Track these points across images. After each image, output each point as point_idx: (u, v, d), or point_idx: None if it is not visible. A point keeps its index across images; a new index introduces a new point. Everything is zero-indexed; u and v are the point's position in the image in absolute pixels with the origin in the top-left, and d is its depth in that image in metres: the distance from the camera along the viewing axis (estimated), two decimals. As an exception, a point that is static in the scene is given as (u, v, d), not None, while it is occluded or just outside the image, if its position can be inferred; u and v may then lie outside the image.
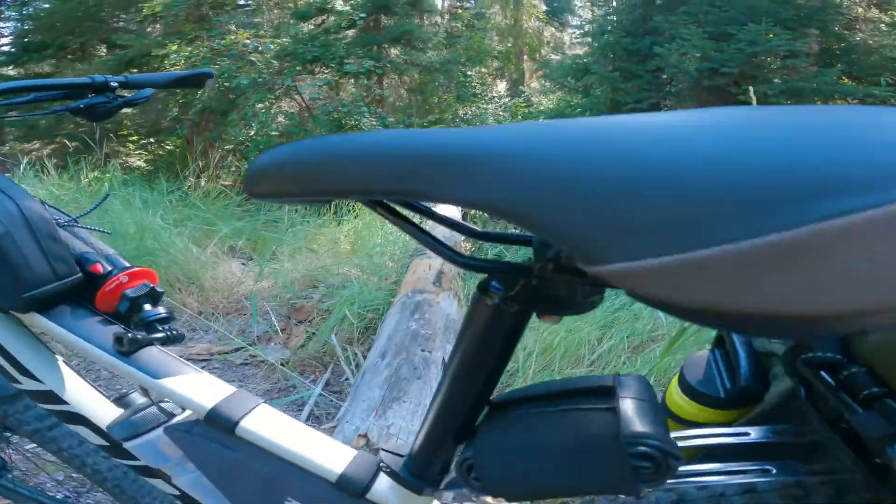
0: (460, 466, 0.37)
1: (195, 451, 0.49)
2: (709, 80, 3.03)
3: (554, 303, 0.32)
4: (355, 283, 2.00)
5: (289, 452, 0.46)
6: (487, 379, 0.36)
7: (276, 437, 0.47)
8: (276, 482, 0.47)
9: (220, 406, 0.47)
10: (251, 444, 0.47)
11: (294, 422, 0.49)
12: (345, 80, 4.85)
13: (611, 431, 0.32)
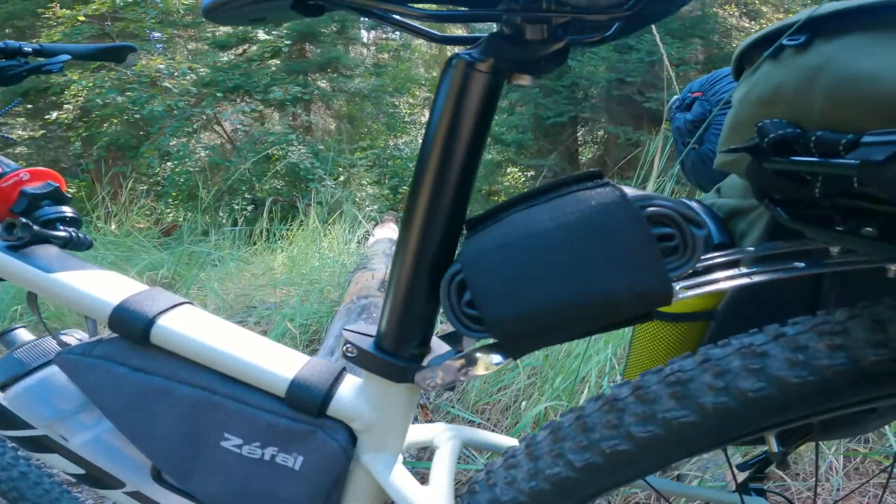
0: (449, 288, 0.30)
1: (95, 382, 0.38)
2: (617, 90, 3.29)
3: (523, 59, 0.29)
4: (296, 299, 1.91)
5: (228, 361, 0.36)
6: (462, 181, 0.31)
7: (206, 342, 0.37)
8: (205, 411, 0.36)
9: (129, 303, 0.37)
10: (171, 356, 0.37)
11: (228, 323, 0.39)
12: (270, 109, 4.77)
13: (617, 196, 0.28)
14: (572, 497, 0.34)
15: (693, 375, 0.31)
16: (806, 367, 0.28)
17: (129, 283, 0.40)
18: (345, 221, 3.67)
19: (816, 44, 0.31)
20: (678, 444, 0.31)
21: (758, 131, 0.30)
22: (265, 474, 0.35)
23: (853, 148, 0.25)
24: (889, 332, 0.27)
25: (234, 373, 0.36)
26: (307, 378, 0.35)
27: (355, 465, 0.36)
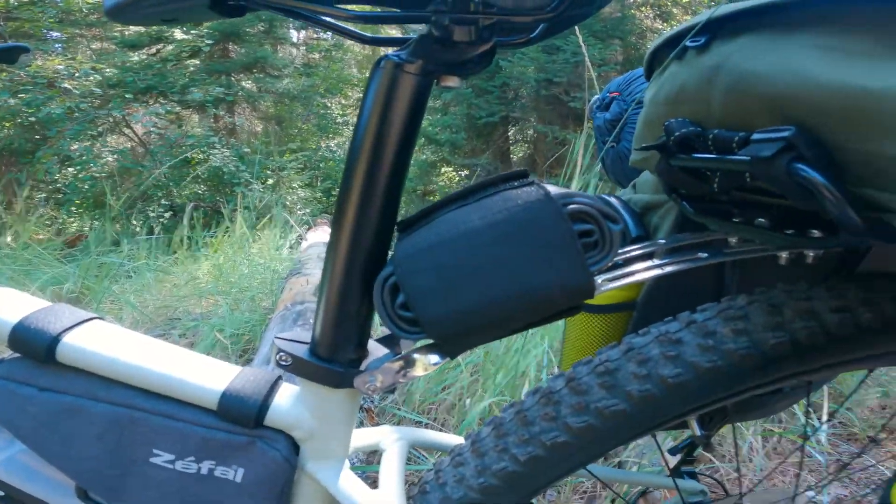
0: (382, 290, 0.30)
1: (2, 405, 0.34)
2: (545, 90, 3.44)
3: (452, 61, 0.30)
4: (224, 308, 1.82)
5: (148, 376, 0.34)
6: (391, 183, 0.31)
7: (120, 359, 0.34)
8: (125, 429, 0.34)
9: (29, 321, 0.34)
10: (81, 374, 0.34)
11: (145, 337, 0.37)
12: (188, 111, 4.48)
13: (542, 195, 0.29)
14: (521, 490, 0.35)
15: (619, 365, 0.33)
16: (716, 351, 0.31)
17: (30, 299, 0.37)
18: (275, 226, 3.54)
19: (715, 45, 0.33)
20: (612, 433, 0.33)
21: (665, 130, 0.33)
22: (205, 489, 0.33)
23: (745, 145, 0.27)
24: (784, 315, 0.31)
25: (157, 388, 0.34)
26: (239, 389, 0.34)
27: (301, 475, 0.35)
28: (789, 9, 0.28)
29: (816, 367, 0.31)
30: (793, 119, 0.26)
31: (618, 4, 3.88)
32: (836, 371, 0.33)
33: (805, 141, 0.25)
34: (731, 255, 0.34)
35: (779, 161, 0.25)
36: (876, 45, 0.24)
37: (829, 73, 0.25)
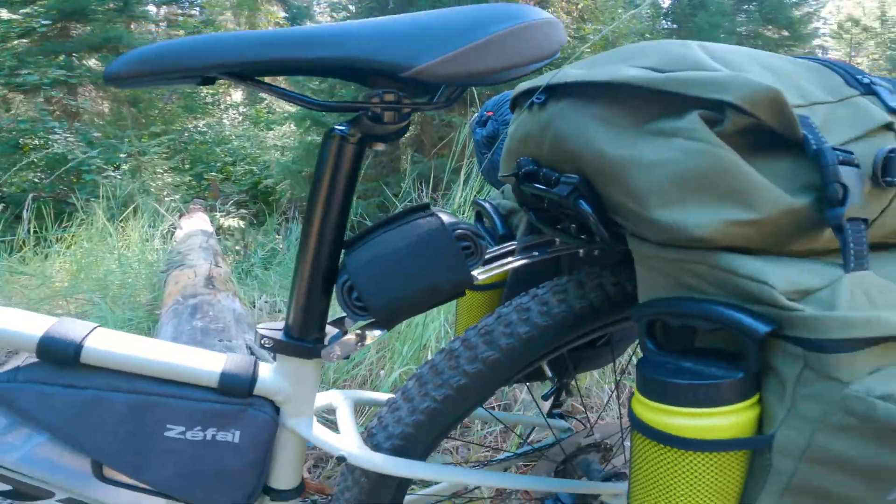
0: (342, 290, 0.46)
1: (27, 403, 0.43)
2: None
3: (376, 131, 0.45)
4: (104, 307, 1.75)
5: (156, 367, 0.46)
6: (342, 217, 0.47)
7: (134, 355, 0.45)
8: (143, 411, 0.45)
9: (51, 332, 0.43)
10: (103, 371, 0.45)
11: (142, 337, 0.48)
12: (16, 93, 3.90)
13: (438, 223, 0.47)
14: (441, 422, 0.53)
15: (493, 327, 0.53)
16: (547, 314, 0.52)
17: (35, 316, 0.45)
18: (143, 216, 3.31)
19: (550, 103, 0.48)
20: (494, 375, 0.52)
21: (516, 165, 0.52)
22: (210, 452, 0.46)
23: (557, 183, 0.47)
24: (586, 288, 0.53)
25: (166, 375, 0.46)
26: (233, 369, 0.47)
27: (281, 430, 0.50)
28: (587, 85, 0.45)
29: (608, 323, 0.54)
30: (579, 170, 0.44)
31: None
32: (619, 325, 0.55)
33: (585, 186, 0.44)
34: (556, 251, 0.55)
35: (570, 197, 0.44)
36: (622, 120, 0.43)
37: (597, 140, 0.44)
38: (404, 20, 0.40)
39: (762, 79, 0.36)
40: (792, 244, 0.37)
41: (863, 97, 0.41)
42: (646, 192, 0.39)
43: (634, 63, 0.44)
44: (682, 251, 0.38)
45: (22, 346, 0.43)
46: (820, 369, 0.33)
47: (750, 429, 0.38)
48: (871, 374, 0.33)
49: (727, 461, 0.39)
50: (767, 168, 0.36)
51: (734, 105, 0.36)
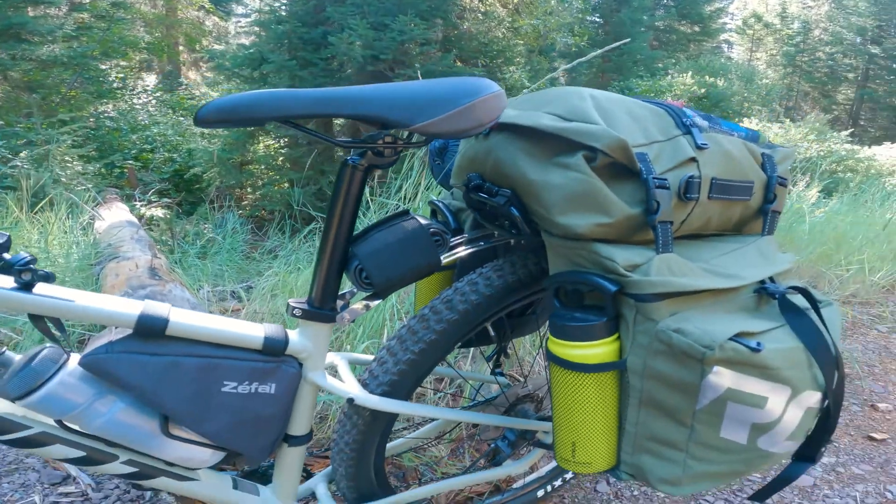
0: (354, 272, 0.66)
1: (123, 370, 0.58)
2: (371, 66, 3.76)
3: (378, 162, 0.65)
4: None
5: (217, 334, 0.62)
6: (352, 221, 0.67)
7: (203, 326, 0.61)
8: (208, 371, 0.61)
9: (146, 311, 0.59)
10: (179, 340, 0.60)
11: (203, 314, 0.64)
12: None
13: (419, 225, 0.68)
14: (418, 370, 0.74)
15: (452, 297, 0.75)
16: (490, 286, 0.75)
17: (121, 299, 0.61)
18: (58, 207, 3.19)
19: (492, 135, 0.72)
20: (455, 332, 0.74)
21: (466, 179, 0.74)
22: (254, 402, 0.64)
23: (496, 195, 0.71)
24: (516, 267, 0.76)
25: (225, 340, 0.63)
26: (272, 335, 0.66)
27: (303, 383, 0.69)
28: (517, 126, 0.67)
29: (532, 291, 0.78)
30: (511, 186, 0.68)
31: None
32: (539, 295, 0.79)
33: (514, 197, 0.68)
34: (494, 242, 0.79)
35: (505, 205, 0.68)
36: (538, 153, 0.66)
37: (523, 166, 0.67)
38: (407, 89, 0.59)
39: (623, 127, 0.61)
40: (631, 237, 0.62)
41: (682, 136, 0.67)
42: (551, 204, 0.63)
43: (548, 110, 0.67)
44: (572, 242, 0.63)
45: (122, 323, 0.59)
46: (644, 313, 0.59)
47: (615, 356, 0.63)
48: (670, 316, 0.59)
49: (604, 380, 0.64)
50: (619, 189, 0.61)
51: (601, 150, 0.60)
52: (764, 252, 0.70)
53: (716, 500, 1.26)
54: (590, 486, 1.27)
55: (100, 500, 1.07)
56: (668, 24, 13.78)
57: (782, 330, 0.61)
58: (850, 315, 2.54)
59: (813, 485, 1.36)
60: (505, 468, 0.97)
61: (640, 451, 0.66)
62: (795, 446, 0.68)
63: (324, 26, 3.91)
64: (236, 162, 5.12)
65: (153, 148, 6.15)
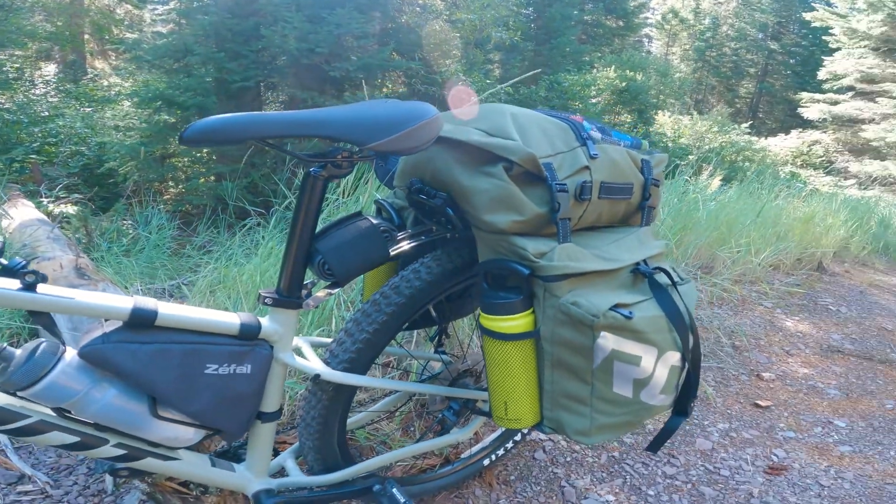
0: (317, 265, 0.79)
1: (119, 359, 0.66)
2: (306, 58, 3.76)
3: (336, 173, 0.78)
4: None
5: (199, 323, 0.72)
6: (315, 222, 0.79)
7: (187, 316, 0.72)
8: (192, 355, 0.71)
9: (138, 304, 0.69)
10: (166, 330, 0.70)
11: (185, 305, 0.74)
12: None
13: (371, 224, 0.83)
14: (373, 348, 0.88)
15: (399, 283, 0.90)
16: (431, 273, 0.90)
17: (110, 294, 0.69)
18: (-45, 206, 2.98)
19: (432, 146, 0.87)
20: (403, 313, 0.89)
21: (409, 182, 0.90)
22: (233, 382, 0.76)
23: (435, 197, 0.86)
24: (453, 256, 0.93)
25: (205, 328, 0.74)
26: (246, 321, 0.77)
27: (273, 363, 0.81)
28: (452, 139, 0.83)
29: (467, 277, 0.94)
30: (447, 190, 0.84)
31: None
32: (472, 280, 0.96)
33: (450, 199, 0.84)
34: (433, 236, 0.94)
35: (442, 206, 0.84)
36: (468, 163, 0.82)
37: (456, 174, 0.83)
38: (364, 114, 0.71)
39: (535, 141, 0.78)
40: (541, 231, 0.81)
41: (580, 148, 0.85)
42: (479, 205, 0.79)
43: (476, 126, 0.83)
44: (496, 235, 0.80)
45: (117, 316, 0.68)
46: (550, 291, 0.77)
47: (531, 326, 0.81)
48: (569, 292, 0.78)
49: (525, 346, 0.82)
50: (530, 193, 0.79)
51: (516, 162, 0.77)
52: (641, 240, 0.90)
53: (634, 463, 1.48)
54: (529, 454, 1.45)
55: (60, 496, 1.12)
56: (595, 18, 14.49)
57: (650, 302, 0.82)
58: (739, 293, 2.95)
59: (711, 448, 1.58)
60: (452, 435, 1.13)
61: (556, 407, 0.84)
62: (668, 399, 0.88)
63: (256, 17, 3.85)
64: (157, 155, 4.91)
65: (58, 141, 5.73)
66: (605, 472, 1.42)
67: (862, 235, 4.51)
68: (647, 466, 1.46)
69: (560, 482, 1.36)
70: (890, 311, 3.20)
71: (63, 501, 1.11)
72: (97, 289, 1.81)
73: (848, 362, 2.36)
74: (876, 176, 12.20)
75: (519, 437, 1.34)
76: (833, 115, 14.30)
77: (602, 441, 0.85)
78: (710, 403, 1.85)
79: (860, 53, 14.18)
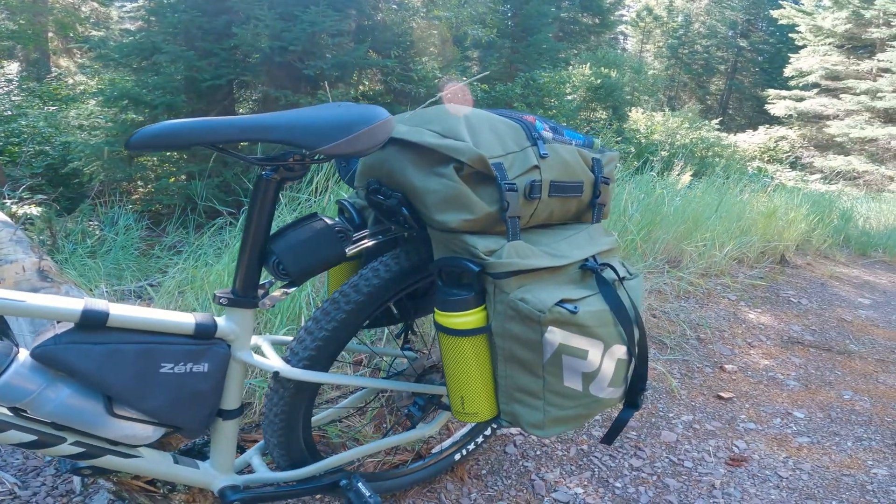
0: (272, 265, 0.80)
1: (71, 359, 0.67)
2: (279, 56, 3.73)
3: (289, 175, 0.80)
4: None
5: (153, 323, 0.73)
6: (268, 223, 0.81)
7: (140, 317, 0.72)
8: (146, 355, 0.72)
9: (88, 306, 0.69)
10: (119, 330, 0.71)
11: (140, 307, 0.75)
12: None
13: (326, 224, 0.84)
14: (334, 345, 0.90)
15: (358, 282, 0.92)
16: (390, 271, 0.92)
17: (61, 297, 0.70)
18: (-80, 210, 2.89)
19: (388, 146, 0.89)
20: (362, 311, 0.91)
21: (367, 182, 0.92)
22: (189, 380, 0.77)
23: (391, 197, 0.88)
24: (411, 254, 0.95)
25: (160, 329, 0.74)
26: (202, 321, 0.78)
27: (231, 362, 0.82)
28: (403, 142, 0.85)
29: (425, 276, 0.97)
30: (401, 189, 0.86)
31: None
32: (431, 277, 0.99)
33: (405, 199, 0.86)
34: (393, 234, 0.96)
35: (398, 206, 0.86)
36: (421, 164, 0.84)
37: (410, 174, 0.85)
38: (314, 118, 0.72)
39: (486, 142, 0.81)
40: (492, 229, 0.83)
41: (530, 148, 0.88)
42: (431, 205, 0.82)
43: (430, 128, 0.85)
44: (448, 234, 0.83)
45: (67, 317, 0.68)
46: (499, 287, 0.80)
47: (483, 322, 0.84)
48: (518, 288, 0.81)
49: (478, 342, 0.85)
50: (482, 192, 0.82)
51: (466, 163, 0.79)
52: (592, 236, 0.94)
53: (603, 456, 1.52)
54: (500, 448, 1.47)
55: (29, 496, 1.11)
56: (572, 15, 14.64)
57: (596, 297, 0.85)
58: (704, 286, 3.04)
59: (676, 440, 1.62)
60: (418, 430, 1.16)
61: (511, 401, 0.87)
62: (618, 392, 0.92)
63: (227, 15, 3.80)
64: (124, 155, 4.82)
65: (21, 141, 5.57)
66: (575, 465, 1.45)
67: (823, 229, 4.68)
68: (615, 459, 1.50)
69: (530, 475, 1.39)
70: (849, 302, 3.33)
71: (31, 502, 1.10)
72: (60, 292, 1.78)
73: (808, 353, 2.44)
74: (840, 171, 12.64)
75: (489, 431, 1.37)
76: (799, 112, 14.76)
77: (556, 433, 0.88)
78: (675, 396, 1.90)
79: (825, 51, 14.65)
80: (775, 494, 1.42)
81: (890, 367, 2.38)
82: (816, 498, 1.43)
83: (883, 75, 13.18)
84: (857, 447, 1.70)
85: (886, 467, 1.59)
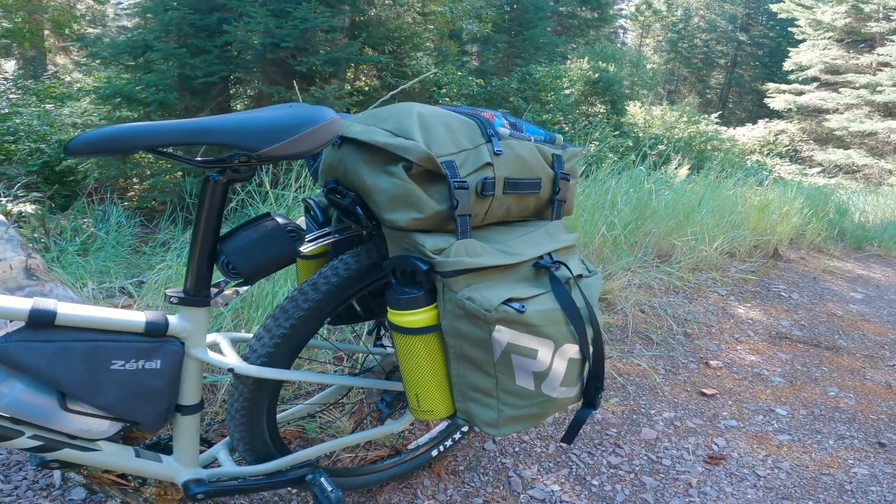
0: (222, 265, 0.80)
1: (21, 356, 0.67)
2: (272, 53, 3.72)
3: (237, 177, 0.79)
4: None
5: (103, 322, 0.73)
6: (217, 224, 0.80)
7: (89, 315, 0.72)
8: (96, 352, 0.72)
9: (36, 305, 0.69)
10: (68, 328, 0.71)
11: (90, 306, 0.75)
12: None
13: (277, 224, 0.84)
14: (292, 343, 0.89)
15: (317, 280, 0.91)
16: (348, 269, 0.92)
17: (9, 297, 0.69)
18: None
19: (344, 145, 0.88)
20: (320, 308, 0.90)
21: (325, 181, 0.91)
22: (142, 377, 0.77)
23: (346, 196, 0.87)
24: (371, 252, 0.94)
25: (110, 327, 0.74)
26: (152, 319, 0.77)
27: (186, 359, 0.82)
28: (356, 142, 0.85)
29: (384, 275, 0.96)
30: (355, 188, 0.85)
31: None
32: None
33: (358, 198, 0.85)
34: (351, 233, 0.96)
35: (352, 204, 0.85)
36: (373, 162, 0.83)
37: (362, 173, 0.84)
38: (256, 120, 0.72)
39: (439, 140, 0.80)
40: (441, 227, 0.83)
41: (484, 145, 0.87)
42: (381, 204, 0.81)
43: (383, 126, 0.85)
44: (399, 233, 0.82)
45: (15, 316, 0.69)
46: (448, 286, 0.80)
47: (434, 321, 0.84)
48: (466, 288, 0.80)
49: (430, 340, 0.84)
50: (433, 190, 0.81)
51: (414, 162, 0.79)
52: (551, 233, 0.93)
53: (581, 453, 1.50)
54: (478, 444, 1.47)
55: (10, 490, 1.11)
56: (570, 9, 14.56)
57: (547, 295, 0.84)
58: (693, 281, 3.02)
59: (656, 438, 1.59)
60: (386, 426, 1.15)
61: (465, 399, 0.86)
62: (572, 392, 0.90)
63: (220, 13, 3.79)
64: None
65: (17, 139, 5.59)
66: (553, 461, 1.44)
67: (818, 222, 4.65)
68: (593, 456, 1.49)
69: (508, 472, 1.38)
70: (841, 296, 3.31)
71: (13, 496, 1.10)
72: (45, 289, 1.79)
73: (795, 349, 2.41)
74: (840, 164, 12.59)
75: (466, 427, 1.37)
76: (798, 105, 14.69)
77: (511, 432, 0.88)
78: (657, 392, 1.88)
79: (824, 45, 14.56)
80: (752, 494, 1.41)
81: (878, 362, 2.36)
82: (793, 498, 1.41)
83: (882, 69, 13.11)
84: (838, 445, 1.67)
85: (867, 466, 1.57)
